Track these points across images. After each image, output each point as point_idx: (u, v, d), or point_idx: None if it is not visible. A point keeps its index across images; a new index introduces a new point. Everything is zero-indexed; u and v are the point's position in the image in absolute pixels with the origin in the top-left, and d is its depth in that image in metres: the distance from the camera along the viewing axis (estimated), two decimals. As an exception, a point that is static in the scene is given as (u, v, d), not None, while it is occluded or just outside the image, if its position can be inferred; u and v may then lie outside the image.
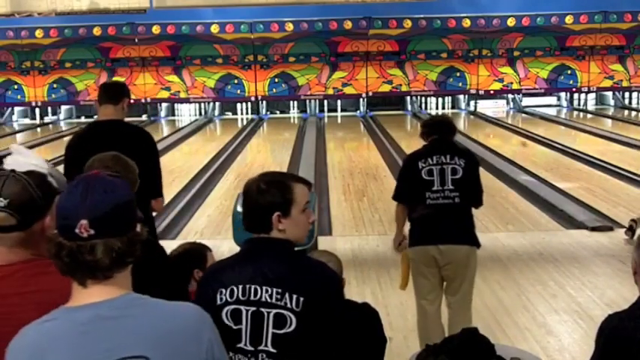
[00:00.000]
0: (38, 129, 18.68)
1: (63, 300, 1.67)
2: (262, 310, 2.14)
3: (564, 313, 5.21)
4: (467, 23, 18.79)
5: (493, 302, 5.41)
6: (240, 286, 2.17)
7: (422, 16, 18.61)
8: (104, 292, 1.60)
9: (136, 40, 18.52)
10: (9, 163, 1.91)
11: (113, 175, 1.66)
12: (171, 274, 2.45)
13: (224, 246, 6.22)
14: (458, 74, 19.20)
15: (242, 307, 2.16)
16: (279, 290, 2.14)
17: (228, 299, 2.17)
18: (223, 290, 2.18)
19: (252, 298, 2.16)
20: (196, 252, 3.25)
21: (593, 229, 7.34)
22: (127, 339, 1.56)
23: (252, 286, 2.16)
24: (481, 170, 4.38)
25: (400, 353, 4.20)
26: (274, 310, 2.14)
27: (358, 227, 7.85)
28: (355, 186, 10.13)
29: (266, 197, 2.20)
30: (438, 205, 4.09)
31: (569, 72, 19.21)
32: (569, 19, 18.79)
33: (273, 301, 2.14)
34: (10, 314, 1.81)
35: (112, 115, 4.13)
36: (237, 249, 2.72)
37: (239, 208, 5.89)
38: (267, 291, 2.15)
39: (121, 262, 1.60)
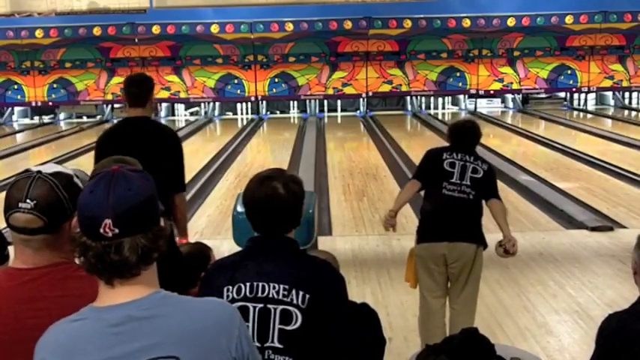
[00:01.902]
0: (38, 129, 18.67)
1: (79, 304, 1.64)
2: (269, 306, 2.16)
3: (564, 313, 5.21)
4: (467, 23, 18.78)
5: (493, 302, 5.41)
6: (248, 284, 2.18)
7: (422, 16, 18.60)
8: (133, 291, 1.58)
9: (136, 40, 18.51)
10: (35, 167, 1.89)
11: (134, 170, 1.63)
12: (182, 277, 2.44)
13: (224, 246, 6.22)
14: (458, 74, 19.19)
15: (249, 305, 2.17)
16: (286, 287, 2.16)
17: (235, 296, 2.18)
18: (230, 287, 2.19)
19: (259, 295, 2.17)
20: (203, 255, 3.27)
21: (593, 229, 7.34)
22: (158, 339, 1.55)
23: (260, 283, 2.18)
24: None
25: (400, 353, 4.20)
26: (281, 307, 2.15)
27: (358, 227, 7.85)
28: (355, 186, 10.12)
29: (299, 196, 2.26)
30: (453, 198, 4.13)
31: (569, 72, 19.20)
32: (569, 19, 18.78)
33: (280, 297, 2.16)
34: (37, 318, 1.78)
35: (141, 113, 4.37)
36: (237, 249, 2.72)
37: (239, 209, 5.89)
38: (274, 287, 2.16)
39: (147, 258, 1.58)
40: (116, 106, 19.49)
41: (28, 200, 1.80)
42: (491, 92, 19.55)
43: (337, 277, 2.28)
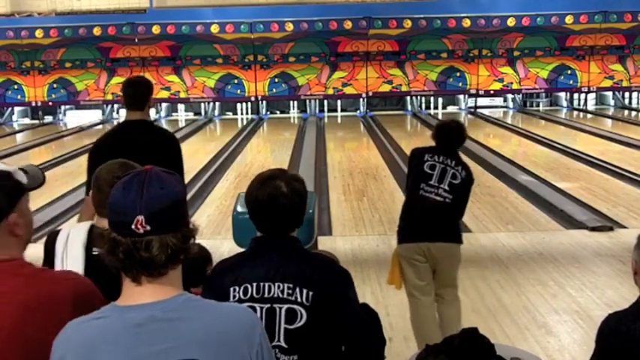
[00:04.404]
0: (38, 129, 18.66)
1: (30, 301, 1.66)
2: (275, 306, 2.17)
3: (564, 313, 5.20)
4: (467, 23, 18.78)
5: (493, 302, 5.41)
6: (254, 284, 2.19)
7: (422, 16, 18.60)
8: (157, 291, 1.59)
9: (136, 40, 18.52)
10: None
11: (166, 171, 1.65)
12: (188, 276, 2.45)
13: (224, 246, 6.22)
14: (458, 74, 19.19)
15: (256, 305, 2.17)
16: (290, 285, 2.17)
17: (242, 297, 2.18)
18: (237, 288, 2.20)
19: (266, 295, 2.18)
20: (204, 252, 3.29)
21: (593, 229, 7.33)
22: (180, 342, 1.55)
23: (266, 284, 2.18)
24: (481, 170, 4.41)
25: (400, 353, 4.20)
26: (286, 305, 2.16)
27: (358, 227, 7.85)
28: (355, 186, 10.12)
29: (302, 194, 2.26)
30: (430, 200, 4.22)
31: (569, 72, 19.20)
32: (569, 19, 18.78)
33: (285, 296, 2.17)
34: None
35: (140, 117, 4.34)
36: (237, 249, 2.71)
37: (239, 209, 5.89)
38: (279, 287, 2.18)
39: (175, 258, 1.59)
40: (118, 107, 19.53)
41: None
42: (492, 92, 19.55)
43: (342, 274, 2.28)
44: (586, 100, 20.65)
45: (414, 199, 4.29)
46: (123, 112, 20.02)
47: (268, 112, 20.25)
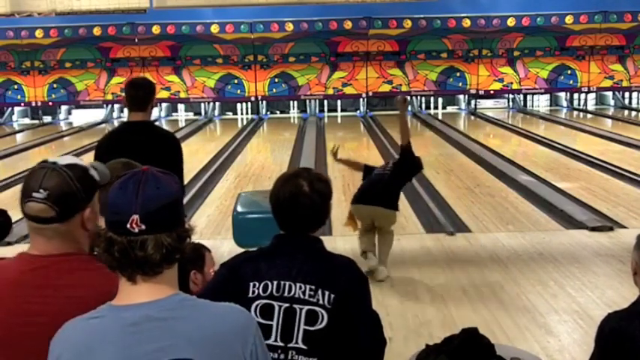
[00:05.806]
0: (38, 129, 18.66)
1: (97, 296, 1.67)
2: (295, 306, 2.16)
3: (564, 313, 5.20)
4: (467, 23, 18.79)
5: (493, 302, 5.41)
6: (275, 282, 2.18)
7: (422, 16, 18.61)
8: (153, 291, 1.60)
9: (136, 40, 18.52)
10: (52, 159, 1.95)
11: (163, 172, 1.66)
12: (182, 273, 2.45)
13: (224, 246, 6.23)
14: (458, 74, 19.20)
15: (275, 303, 2.17)
16: (313, 287, 2.16)
17: (261, 293, 2.18)
18: (257, 283, 2.19)
19: (285, 294, 2.17)
20: (194, 252, 3.20)
21: (593, 229, 7.33)
22: (175, 341, 1.56)
23: (287, 283, 2.18)
24: (481, 170, 4.40)
25: (400, 353, 4.20)
26: (307, 307, 2.16)
27: (358, 227, 7.83)
28: (355, 186, 10.03)
29: (325, 194, 2.28)
30: (379, 174, 6.27)
31: (569, 72, 19.21)
32: (569, 19, 18.79)
33: (306, 297, 2.16)
34: (45, 305, 1.82)
35: (142, 118, 4.39)
36: (237, 249, 2.72)
37: (239, 209, 5.89)
38: (300, 287, 2.17)
39: (170, 257, 1.61)
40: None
41: (41, 190, 1.85)
42: (491, 92, 19.55)
43: (362, 277, 2.30)
44: (586, 100, 20.65)
45: (369, 177, 6.33)
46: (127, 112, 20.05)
47: (268, 112, 20.25)
